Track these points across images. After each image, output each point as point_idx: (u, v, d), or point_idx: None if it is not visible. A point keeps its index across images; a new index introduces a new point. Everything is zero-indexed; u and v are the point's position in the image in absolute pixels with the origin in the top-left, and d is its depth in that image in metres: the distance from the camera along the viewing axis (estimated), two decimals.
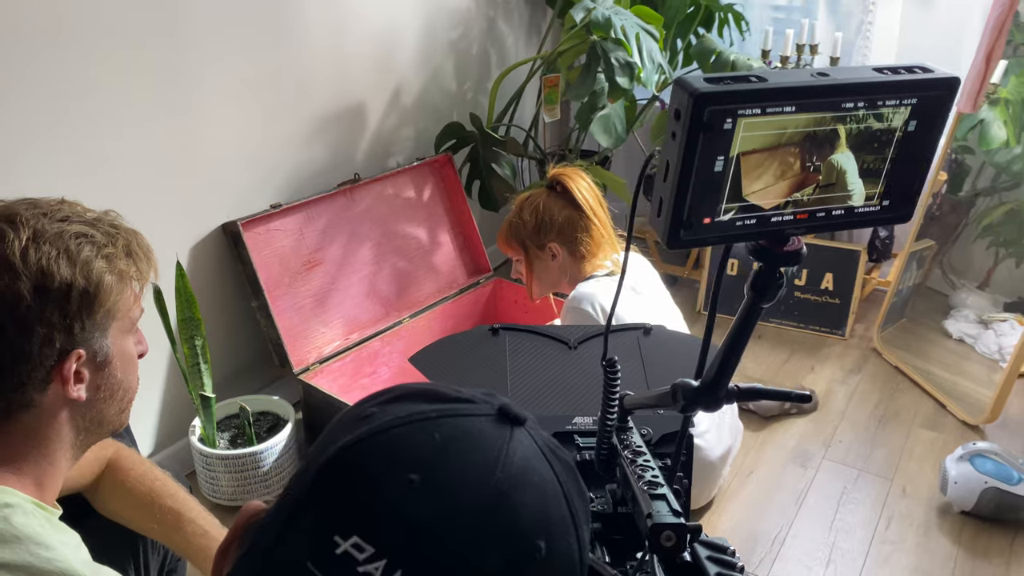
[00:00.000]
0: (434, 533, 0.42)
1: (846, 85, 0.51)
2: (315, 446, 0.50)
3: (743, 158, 0.51)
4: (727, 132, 0.50)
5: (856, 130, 0.53)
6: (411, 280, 2.66)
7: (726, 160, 0.51)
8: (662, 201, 0.52)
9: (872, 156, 0.54)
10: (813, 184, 0.54)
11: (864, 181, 0.55)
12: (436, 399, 0.49)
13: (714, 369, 0.62)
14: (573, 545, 0.45)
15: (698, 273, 3.18)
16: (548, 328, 1.19)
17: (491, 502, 0.43)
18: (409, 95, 2.79)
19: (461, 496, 0.43)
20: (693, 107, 0.48)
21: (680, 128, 0.49)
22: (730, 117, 0.49)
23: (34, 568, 0.82)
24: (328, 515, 0.43)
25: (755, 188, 0.52)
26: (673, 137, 0.50)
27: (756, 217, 0.54)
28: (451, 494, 0.43)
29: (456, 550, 0.42)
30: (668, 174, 0.51)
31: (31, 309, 0.85)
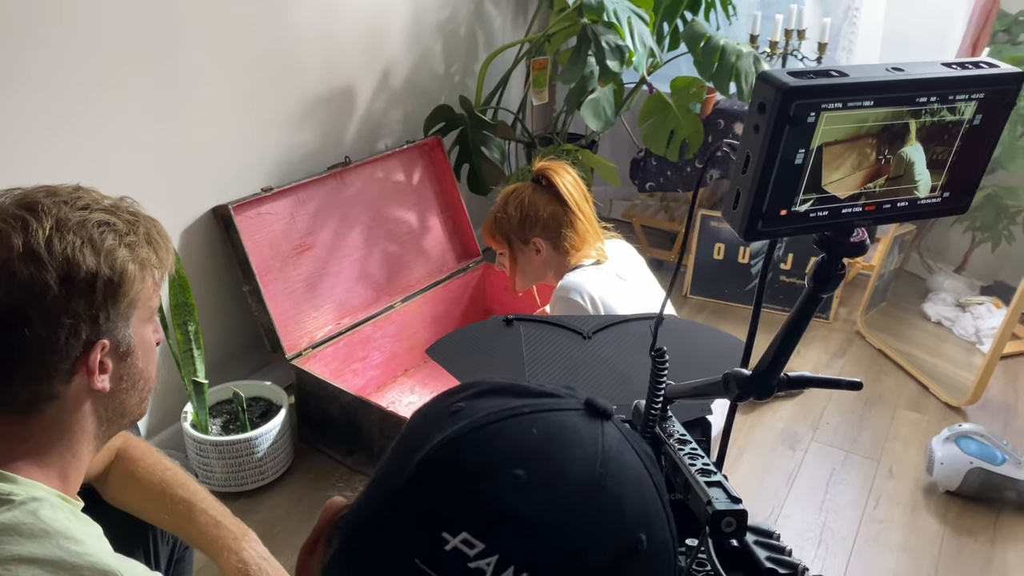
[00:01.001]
0: (545, 528, 0.42)
1: (922, 80, 0.52)
2: (402, 442, 0.50)
3: (824, 149, 0.51)
4: (810, 125, 0.50)
5: (928, 123, 0.53)
6: (401, 264, 2.65)
7: (806, 152, 0.51)
8: (739, 193, 0.52)
9: (940, 148, 0.55)
10: (884, 175, 0.54)
11: (929, 173, 0.56)
12: (522, 394, 0.49)
13: (768, 358, 0.63)
14: (668, 537, 0.46)
15: (685, 258, 3.20)
16: (562, 318, 1.18)
17: (596, 496, 0.43)
18: (398, 77, 2.76)
19: (566, 491, 0.43)
20: (781, 101, 0.48)
21: (765, 121, 0.49)
22: (814, 111, 0.50)
23: (65, 563, 0.81)
24: (433, 511, 0.43)
25: (833, 178, 0.52)
26: (756, 130, 0.50)
27: (828, 209, 0.55)
28: (557, 489, 0.43)
29: (567, 545, 0.42)
30: (748, 166, 0.51)
31: (57, 300, 0.83)
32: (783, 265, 2.99)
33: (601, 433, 0.46)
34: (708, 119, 2.95)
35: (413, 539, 0.43)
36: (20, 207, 0.85)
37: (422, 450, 0.46)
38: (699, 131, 2.89)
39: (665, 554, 0.45)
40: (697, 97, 2.90)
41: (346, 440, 2.22)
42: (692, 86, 2.90)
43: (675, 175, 3.08)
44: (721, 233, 3.04)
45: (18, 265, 0.81)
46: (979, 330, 2.90)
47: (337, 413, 2.19)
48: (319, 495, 2.17)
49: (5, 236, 0.82)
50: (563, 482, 0.43)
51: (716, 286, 3.07)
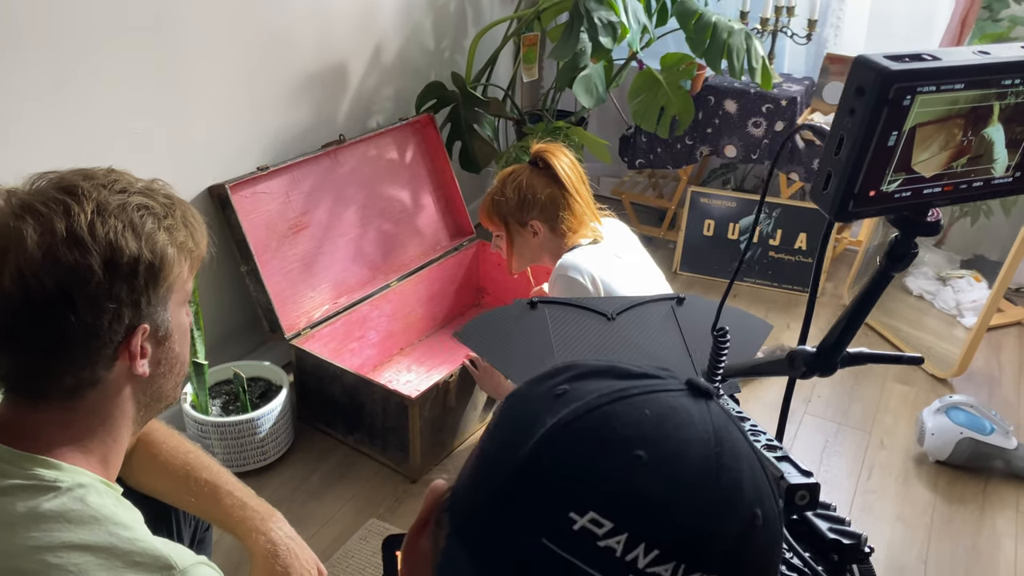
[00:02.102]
0: (671, 506, 0.43)
1: (1010, 63, 0.53)
2: (504, 425, 0.50)
3: (917, 130, 0.52)
4: (905, 108, 0.51)
5: (1011, 104, 0.54)
6: (396, 243, 2.63)
7: (899, 134, 0.52)
8: (830, 175, 0.53)
9: (1019, 128, 0.56)
10: (966, 156, 0.55)
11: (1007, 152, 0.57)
12: (622, 376, 0.49)
13: (834, 336, 0.64)
14: (776, 511, 0.47)
15: (673, 234, 3.22)
16: (586, 300, 1.19)
17: (716, 474, 0.44)
18: (389, 54, 2.73)
19: (688, 470, 0.44)
20: (881, 85, 0.49)
21: (863, 104, 0.50)
22: (910, 94, 0.51)
23: (116, 549, 0.80)
24: (558, 492, 0.44)
25: (922, 158, 0.53)
26: (851, 113, 0.51)
27: (911, 189, 0.56)
28: (678, 468, 0.44)
29: (694, 522, 0.43)
30: (843, 148, 0.51)
31: (101, 284, 0.82)
32: (772, 241, 3.03)
33: (708, 412, 0.47)
34: (698, 96, 2.96)
35: (538, 520, 0.44)
36: (60, 191, 0.83)
37: (536, 432, 0.46)
38: (690, 108, 2.90)
39: (776, 528, 0.46)
40: (687, 74, 2.91)
41: (347, 420, 2.21)
42: (682, 63, 2.91)
43: (665, 152, 3.09)
44: (711, 210, 3.07)
45: (62, 250, 0.80)
46: (960, 303, 2.95)
47: (338, 393, 2.19)
48: (322, 474, 2.17)
49: (47, 220, 0.81)
50: (683, 462, 0.44)
51: (706, 262, 3.10)
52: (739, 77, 2.71)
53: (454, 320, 2.80)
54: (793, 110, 2.86)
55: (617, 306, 1.17)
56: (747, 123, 2.94)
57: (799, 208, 3.00)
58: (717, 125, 2.98)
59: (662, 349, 1.12)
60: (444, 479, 0.53)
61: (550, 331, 1.11)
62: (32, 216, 0.80)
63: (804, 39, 2.97)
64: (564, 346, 1.09)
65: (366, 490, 2.13)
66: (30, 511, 0.81)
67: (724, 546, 0.43)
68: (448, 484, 0.52)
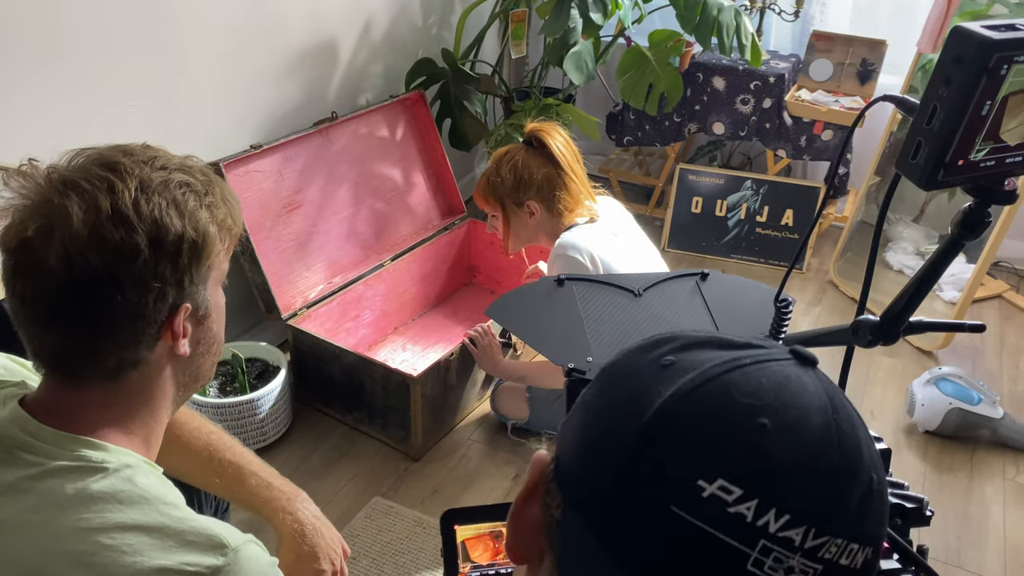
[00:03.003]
0: (798, 472, 0.44)
1: None
2: (611, 397, 0.50)
3: (1009, 99, 0.53)
4: (1001, 77, 0.52)
5: None
6: (388, 222, 2.62)
7: (992, 103, 0.53)
8: (920, 144, 0.53)
9: None
10: None
11: None
12: (728, 346, 0.50)
13: (899, 305, 0.65)
14: (885, 476, 0.48)
15: (661, 211, 3.24)
16: (611, 277, 1.20)
17: (838, 440, 0.45)
18: (378, 30, 2.70)
19: (811, 437, 0.45)
20: (982, 54, 0.50)
21: (960, 74, 0.51)
22: (1007, 63, 0.51)
23: (169, 528, 0.80)
24: (684, 462, 0.44)
25: (1010, 127, 0.54)
26: (947, 82, 0.52)
27: (995, 159, 0.57)
28: (802, 436, 0.45)
29: (820, 486, 0.44)
30: (935, 118, 0.52)
31: (147, 263, 0.80)
32: (759, 218, 3.06)
33: (818, 380, 0.48)
34: (687, 73, 2.96)
35: (665, 489, 0.44)
36: (103, 167, 0.81)
37: (652, 403, 0.47)
38: (678, 85, 2.91)
39: (886, 491, 0.47)
40: (676, 51, 2.91)
41: (346, 399, 2.21)
42: (670, 39, 2.91)
43: (653, 129, 3.10)
44: (699, 187, 3.09)
45: (108, 228, 0.78)
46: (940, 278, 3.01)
47: (337, 372, 2.18)
48: (322, 454, 2.17)
49: (92, 197, 0.79)
50: (806, 429, 0.45)
51: (693, 239, 3.12)
52: (729, 54, 2.72)
53: (446, 299, 2.79)
54: (781, 87, 2.88)
55: (643, 282, 1.18)
56: (735, 100, 2.95)
57: (786, 184, 3.03)
58: (705, 102, 3.00)
59: (689, 324, 1.12)
60: (544, 450, 0.53)
61: (579, 307, 1.12)
62: (76, 193, 0.78)
63: (792, 16, 2.99)
64: (594, 322, 1.09)
65: (367, 469, 2.13)
66: (79, 492, 0.80)
67: (849, 510, 0.44)
68: (550, 455, 0.52)
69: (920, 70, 2.83)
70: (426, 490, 2.07)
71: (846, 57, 2.93)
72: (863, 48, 2.91)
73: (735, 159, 3.35)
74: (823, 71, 2.96)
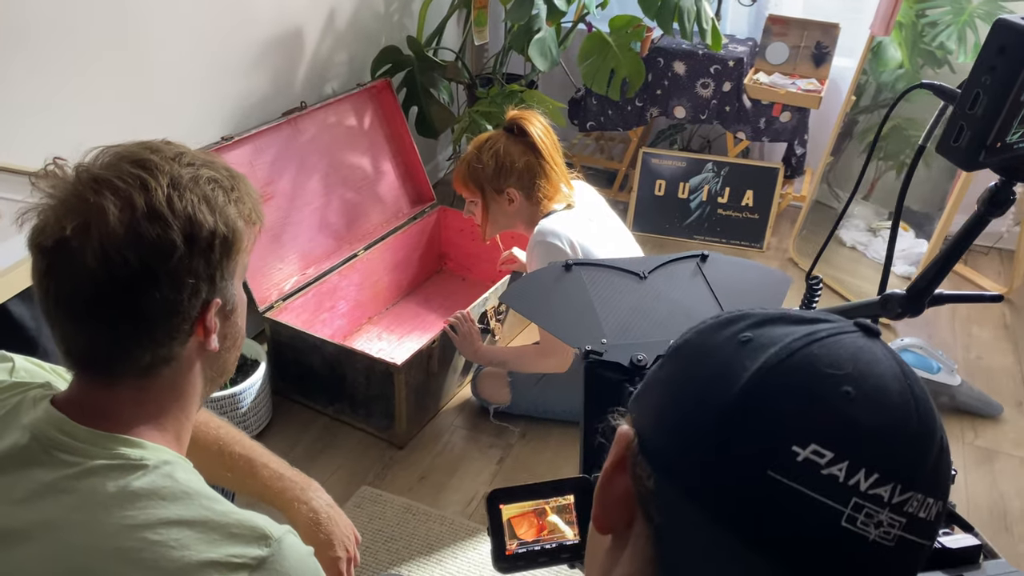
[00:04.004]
0: (884, 434, 0.47)
1: None
2: (690, 372, 0.53)
3: None
4: None
5: None
6: (359, 211, 2.61)
7: None
8: (962, 128, 0.57)
9: None
10: None
11: None
12: (797, 321, 0.53)
13: (927, 279, 0.69)
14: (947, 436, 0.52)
15: (625, 195, 3.29)
16: (616, 261, 1.23)
17: (914, 403, 0.49)
18: (342, 19, 2.67)
19: (891, 402, 0.48)
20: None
21: (1004, 62, 0.54)
22: None
23: (213, 522, 0.80)
24: (778, 430, 0.47)
25: None
26: (992, 71, 0.55)
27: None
28: (884, 401, 0.48)
29: (905, 447, 0.48)
30: (979, 103, 0.56)
31: (182, 259, 0.80)
32: (720, 199, 3.13)
33: (886, 350, 0.52)
34: (647, 58, 3.01)
35: (761, 456, 0.47)
36: (134, 164, 0.81)
37: (740, 377, 0.50)
38: (640, 70, 2.95)
39: (949, 450, 0.51)
40: (636, 36, 2.95)
41: (328, 390, 2.20)
42: (631, 25, 2.94)
43: (616, 114, 3.14)
44: (661, 170, 3.14)
45: (144, 225, 0.78)
46: None
47: (318, 364, 2.17)
48: (305, 446, 2.16)
49: (126, 195, 0.78)
50: (886, 395, 0.48)
51: (657, 221, 3.18)
52: (690, 39, 2.77)
53: (419, 287, 2.80)
54: (740, 71, 2.95)
55: (647, 265, 1.21)
56: (696, 84, 3.01)
57: (746, 166, 3.11)
58: (666, 87, 3.05)
59: (696, 304, 1.16)
60: (625, 424, 0.56)
61: (589, 291, 1.15)
62: (110, 191, 0.78)
63: (749, 1, 3.05)
64: (605, 305, 1.12)
65: (352, 459, 2.14)
66: (121, 490, 0.80)
67: (927, 466, 0.48)
68: (632, 430, 0.55)
69: (872, 52, 2.92)
70: (413, 477, 2.08)
71: (801, 40, 3.01)
72: (817, 31, 2.99)
73: (695, 142, 3.41)
74: (779, 54, 3.04)
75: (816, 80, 2.99)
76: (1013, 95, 0.56)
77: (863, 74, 3.02)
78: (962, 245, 0.68)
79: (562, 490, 0.79)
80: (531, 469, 2.11)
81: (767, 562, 0.47)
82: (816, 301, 0.81)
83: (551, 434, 2.20)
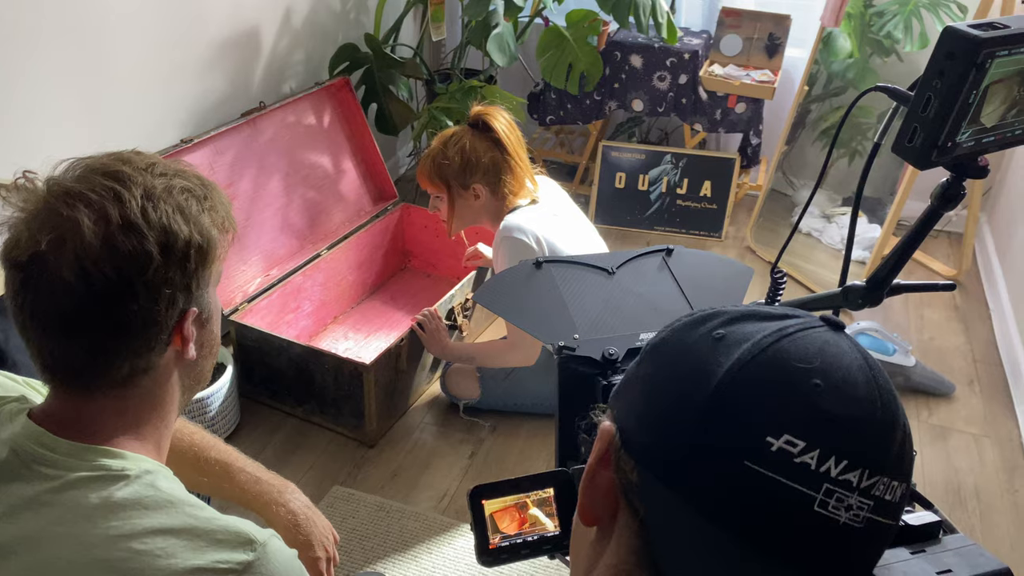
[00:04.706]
0: (851, 422, 0.50)
1: None
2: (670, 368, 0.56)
3: (990, 87, 0.60)
4: (985, 69, 0.59)
5: None
6: (320, 210, 2.60)
7: (977, 92, 0.60)
8: (916, 130, 0.60)
9: None
10: (1016, 107, 0.65)
11: None
12: (766, 318, 0.56)
13: (885, 270, 0.73)
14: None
15: (586, 188, 3.32)
16: (585, 257, 1.25)
17: (878, 393, 0.52)
18: (298, 17, 2.66)
19: (858, 392, 0.51)
20: (973, 51, 0.57)
21: (952, 68, 0.58)
22: (991, 57, 0.59)
23: (197, 528, 0.81)
24: (754, 422, 0.50)
25: (988, 111, 0.62)
26: (941, 75, 0.59)
27: (975, 139, 0.64)
28: (850, 392, 0.51)
29: (872, 434, 0.51)
30: (930, 106, 0.59)
31: (159, 270, 0.80)
32: (679, 190, 3.17)
33: (850, 342, 0.55)
34: (605, 51, 3.04)
35: (738, 447, 0.50)
36: (105, 176, 0.81)
37: (716, 373, 0.52)
38: (598, 64, 2.98)
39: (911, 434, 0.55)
40: (593, 30, 2.98)
41: (296, 391, 2.20)
42: (587, 19, 2.97)
43: (575, 108, 3.17)
44: (621, 163, 3.18)
45: (120, 237, 0.78)
46: (844, 238, 3.20)
47: (285, 365, 2.17)
48: (275, 448, 2.16)
49: (100, 208, 0.78)
50: (853, 386, 0.51)
51: (618, 213, 3.21)
52: (646, 32, 2.81)
53: (383, 285, 2.80)
54: (695, 63, 2.99)
55: (614, 261, 1.24)
56: (652, 77, 3.05)
57: (703, 157, 3.16)
58: (624, 80, 3.08)
59: (663, 298, 1.19)
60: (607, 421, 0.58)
61: (560, 288, 1.17)
62: (84, 204, 0.78)
63: None
64: (575, 301, 1.15)
65: (323, 459, 2.14)
66: (104, 501, 0.80)
67: (892, 452, 0.51)
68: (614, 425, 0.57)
69: (823, 42, 2.99)
70: (385, 475, 2.09)
71: (754, 32, 3.06)
72: (769, 23, 3.05)
73: (653, 134, 3.45)
74: (733, 46, 3.09)
75: (769, 71, 3.05)
76: (962, 98, 0.60)
77: (815, 64, 3.09)
78: (917, 238, 0.72)
79: (542, 483, 0.81)
80: (503, 462, 2.13)
81: (746, 547, 0.50)
82: (780, 294, 0.85)
83: (521, 427, 2.23)
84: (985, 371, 2.54)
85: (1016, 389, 2.42)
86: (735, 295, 1.19)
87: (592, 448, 0.58)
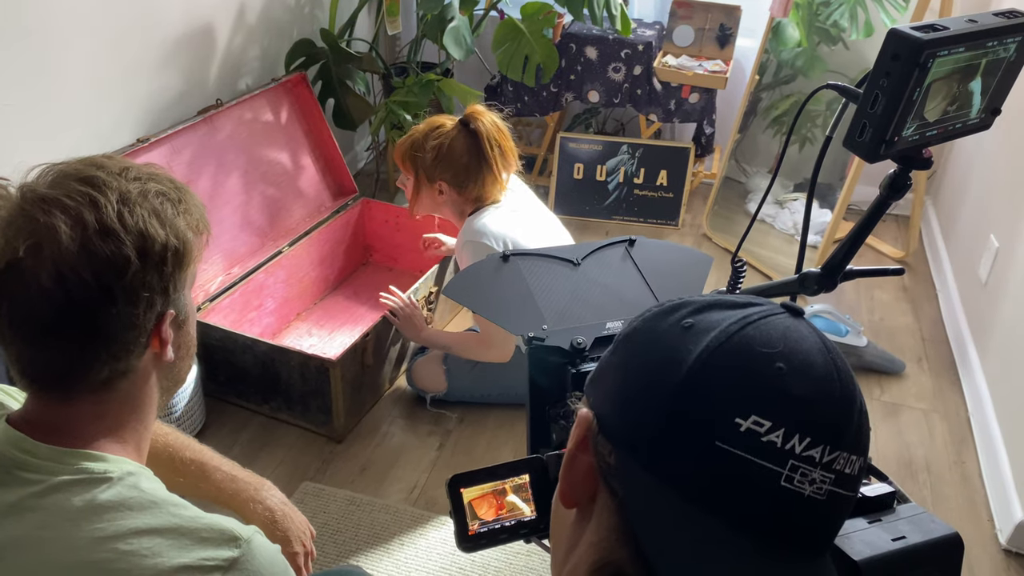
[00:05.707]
0: (814, 402, 0.54)
1: (992, 29, 0.66)
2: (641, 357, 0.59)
3: (932, 85, 0.64)
4: (927, 68, 0.63)
5: (990, 61, 0.68)
6: (280, 207, 2.59)
7: (920, 90, 0.64)
8: (865, 125, 0.64)
9: (990, 79, 0.70)
10: (956, 103, 0.69)
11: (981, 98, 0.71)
12: (731, 306, 0.59)
13: (838, 257, 0.77)
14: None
15: (544, 179, 3.35)
16: (551, 249, 1.28)
17: (836, 374, 0.56)
18: (252, 12, 2.64)
19: (818, 373, 0.55)
20: (916, 52, 0.61)
21: (897, 68, 0.62)
22: (932, 58, 0.63)
23: (183, 528, 0.82)
24: (723, 405, 0.53)
25: (931, 107, 0.66)
26: (887, 75, 0.63)
27: (919, 133, 0.69)
28: (811, 373, 0.55)
29: (832, 413, 0.54)
30: (878, 103, 0.63)
31: (137, 274, 0.81)
32: (636, 180, 3.22)
33: (809, 327, 0.58)
34: (560, 44, 3.07)
35: (709, 428, 0.53)
36: (80, 182, 0.81)
37: (686, 360, 0.56)
38: (554, 56, 3.01)
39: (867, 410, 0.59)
40: (548, 22, 3.00)
41: (262, 389, 2.20)
42: (542, 11, 3.00)
43: (532, 100, 3.20)
44: (579, 154, 3.21)
45: (97, 243, 0.79)
46: (796, 223, 3.29)
47: (250, 363, 2.16)
48: (242, 447, 2.16)
49: (76, 214, 0.79)
50: (813, 368, 0.55)
51: (577, 204, 3.25)
52: (600, 24, 2.84)
53: (346, 280, 2.80)
54: (649, 54, 3.04)
55: (579, 252, 1.27)
56: (607, 68, 3.09)
57: (659, 147, 3.21)
58: (579, 72, 3.12)
59: (627, 288, 1.23)
60: (584, 408, 0.61)
61: (527, 280, 1.20)
62: (60, 210, 0.79)
63: None
64: (543, 292, 1.18)
65: (292, 456, 2.14)
66: (88, 504, 0.81)
67: (851, 428, 0.55)
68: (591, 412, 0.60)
69: (772, 32, 3.06)
70: (354, 470, 2.11)
71: (705, 23, 3.12)
72: (720, 14, 3.10)
73: (609, 125, 3.50)
74: (685, 37, 3.14)
75: (721, 61, 3.11)
76: (906, 95, 0.64)
77: (765, 53, 3.15)
78: (868, 226, 0.76)
79: (518, 470, 0.84)
80: (471, 453, 2.16)
81: (719, 521, 0.53)
82: (741, 282, 0.89)
83: (488, 417, 2.26)
84: (933, 349, 2.64)
85: (962, 366, 2.52)
86: (696, 283, 1.23)
87: (570, 434, 0.62)
